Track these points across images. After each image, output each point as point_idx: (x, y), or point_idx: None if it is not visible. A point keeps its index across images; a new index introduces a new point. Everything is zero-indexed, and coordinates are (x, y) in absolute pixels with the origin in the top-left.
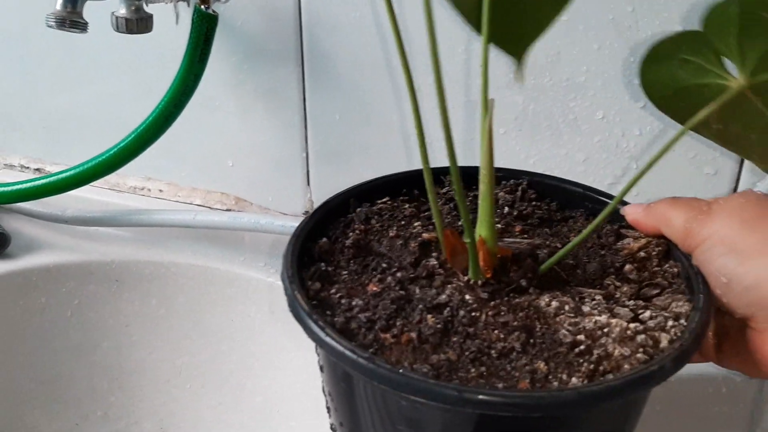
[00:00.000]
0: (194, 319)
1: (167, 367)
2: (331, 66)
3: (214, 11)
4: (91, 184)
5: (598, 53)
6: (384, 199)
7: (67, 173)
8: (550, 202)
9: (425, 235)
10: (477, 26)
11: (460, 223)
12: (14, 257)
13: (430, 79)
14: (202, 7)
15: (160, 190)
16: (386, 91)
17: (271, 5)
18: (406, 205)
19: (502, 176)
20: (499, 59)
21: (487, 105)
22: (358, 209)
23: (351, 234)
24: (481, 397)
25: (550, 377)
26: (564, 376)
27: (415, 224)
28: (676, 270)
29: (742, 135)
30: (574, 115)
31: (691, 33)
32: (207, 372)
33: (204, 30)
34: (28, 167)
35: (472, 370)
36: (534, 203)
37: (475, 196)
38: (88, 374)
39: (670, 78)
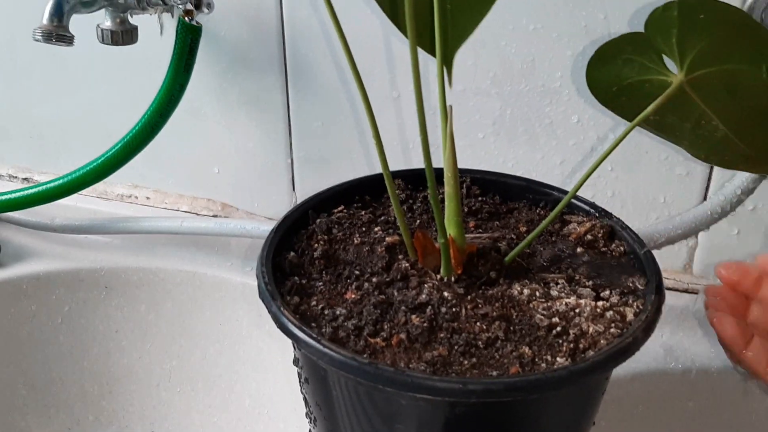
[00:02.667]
0: (183, 324)
1: (157, 371)
2: (314, 74)
3: (197, 23)
4: (79, 192)
5: (572, 59)
6: (340, 208)
7: (56, 182)
8: (493, 196)
9: (388, 239)
10: (406, 35)
11: (418, 223)
12: (4, 266)
13: (409, 87)
14: (186, 18)
15: (147, 198)
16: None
17: (254, 15)
18: (362, 212)
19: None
20: (477, 67)
21: (446, 111)
22: (318, 220)
23: (317, 245)
24: (483, 386)
25: (537, 360)
26: (549, 357)
27: (376, 229)
28: (622, 249)
29: (676, 125)
30: (549, 119)
31: (635, 35)
32: (196, 375)
33: (188, 41)
34: (16, 176)
35: (465, 362)
36: (480, 198)
37: (425, 198)
38: (79, 379)
39: (615, 76)
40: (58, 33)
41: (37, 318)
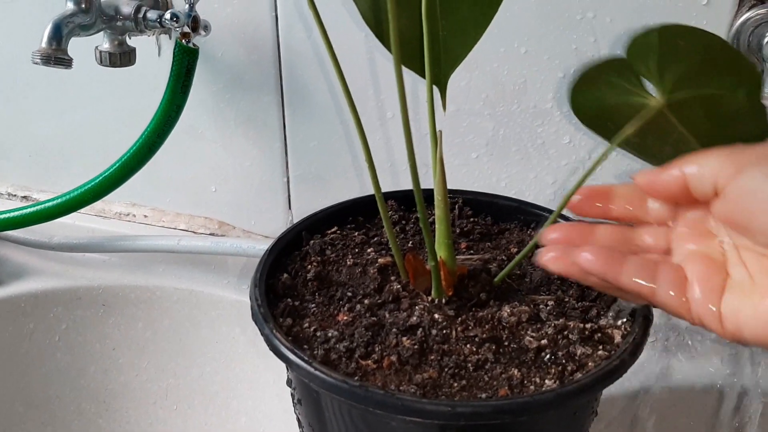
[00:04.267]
0: (180, 342)
1: (154, 389)
2: (310, 94)
3: (194, 45)
4: (78, 210)
5: (563, 81)
6: (333, 229)
7: (55, 201)
8: (485, 216)
9: (381, 260)
10: (396, 55)
11: (410, 244)
12: (2, 284)
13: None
14: (183, 41)
15: (145, 216)
16: (361, 118)
17: (250, 36)
18: (355, 233)
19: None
20: (470, 88)
21: (435, 136)
22: (312, 241)
23: (310, 267)
24: (471, 409)
25: (526, 382)
26: (537, 380)
27: (368, 250)
28: None
29: (656, 147)
30: (542, 140)
31: (616, 58)
32: (193, 393)
33: (185, 63)
34: (15, 195)
35: (455, 384)
36: (472, 219)
37: (417, 219)
38: (77, 397)
39: (597, 99)
40: (56, 56)
41: (35, 336)
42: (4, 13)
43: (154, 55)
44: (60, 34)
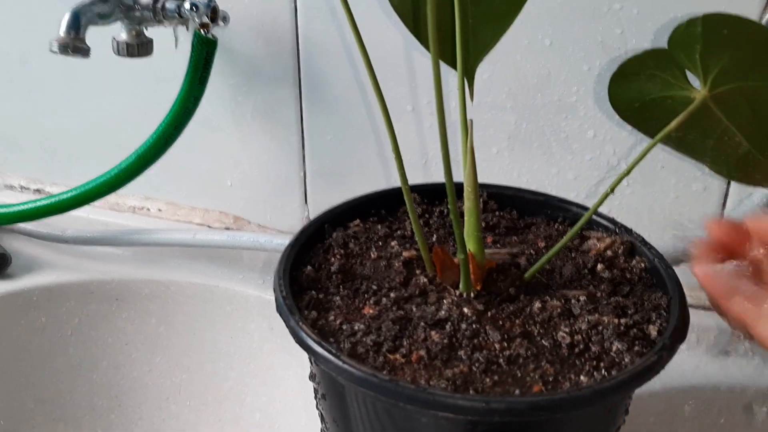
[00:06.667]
0: (193, 337)
1: (167, 384)
2: (328, 88)
3: (213, 36)
4: (91, 204)
5: (588, 74)
6: (356, 222)
7: (69, 194)
8: (510, 211)
9: (405, 254)
10: (427, 47)
11: (435, 238)
12: (15, 277)
13: (424, 101)
14: (202, 31)
15: (160, 210)
16: (379, 111)
17: (269, 29)
18: (378, 226)
19: (460, 190)
20: (492, 81)
21: (467, 126)
22: (334, 234)
23: (333, 260)
24: (506, 405)
25: (560, 378)
26: (572, 376)
27: (392, 244)
28: (642, 265)
29: (698, 141)
30: (565, 134)
31: (658, 51)
32: (206, 389)
33: (204, 54)
34: (27, 188)
35: (486, 380)
36: (497, 213)
37: (441, 212)
38: (88, 392)
39: (638, 92)
40: (74, 45)
41: (47, 330)
42: (18, 6)
43: (169, 45)
44: (78, 22)
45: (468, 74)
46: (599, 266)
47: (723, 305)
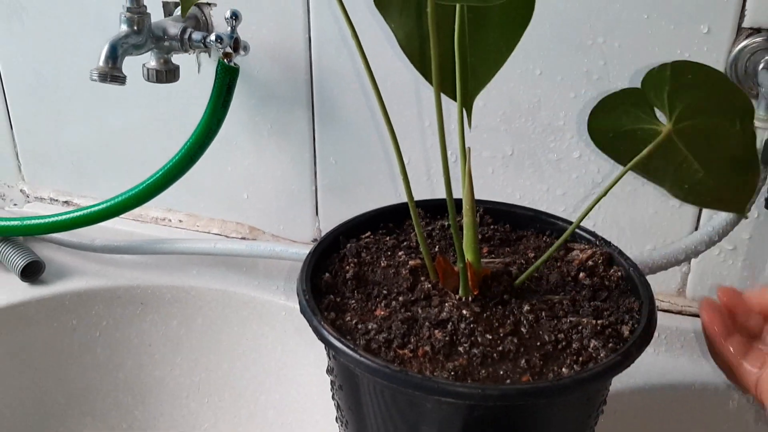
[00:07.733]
0: (212, 339)
1: (186, 383)
2: (338, 110)
3: (235, 64)
4: (120, 215)
5: (574, 101)
6: (367, 234)
7: (100, 206)
8: (504, 224)
9: (412, 263)
10: (430, 81)
11: (437, 248)
12: (48, 283)
13: (427, 122)
14: (225, 60)
15: (180, 221)
16: (387, 132)
17: (285, 56)
18: (387, 238)
19: (459, 206)
20: (488, 106)
21: (465, 152)
22: (348, 245)
23: (348, 268)
24: (499, 392)
25: (545, 370)
26: (555, 368)
27: (399, 253)
28: (619, 274)
29: (661, 168)
30: (554, 154)
31: (632, 89)
32: (223, 387)
33: (227, 80)
34: (57, 200)
35: (482, 371)
36: (492, 226)
37: (443, 226)
38: (114, 389)
39: (613, 124)
40: (112, 74)
41: (78, 331)
42: (48, 27)
43: (191, 70)
44: (116, 53)
45: (466, 106)
46: (581, 274)
47: (718, 343)
